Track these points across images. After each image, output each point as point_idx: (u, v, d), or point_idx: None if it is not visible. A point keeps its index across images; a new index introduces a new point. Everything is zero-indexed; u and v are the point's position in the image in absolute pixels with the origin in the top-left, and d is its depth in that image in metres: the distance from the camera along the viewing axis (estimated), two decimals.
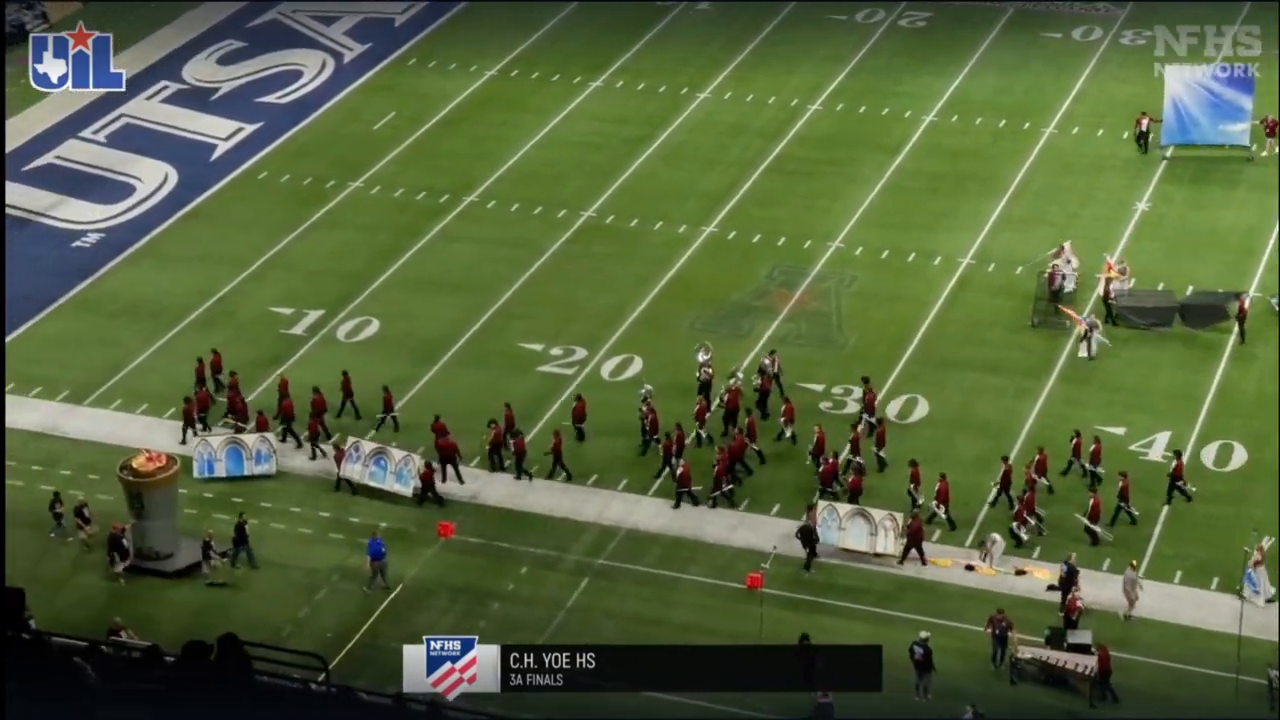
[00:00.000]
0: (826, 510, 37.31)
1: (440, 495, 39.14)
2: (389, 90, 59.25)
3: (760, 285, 47.59)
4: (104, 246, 50.10)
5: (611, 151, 54.98)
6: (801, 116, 56.83)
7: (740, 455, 39.24)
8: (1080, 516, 37.52)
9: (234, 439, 40.45)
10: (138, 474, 37.19)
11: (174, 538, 37.39)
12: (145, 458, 37.42)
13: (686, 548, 37.67)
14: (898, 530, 36.80)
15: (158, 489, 37.14)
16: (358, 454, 39.77)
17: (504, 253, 49.35)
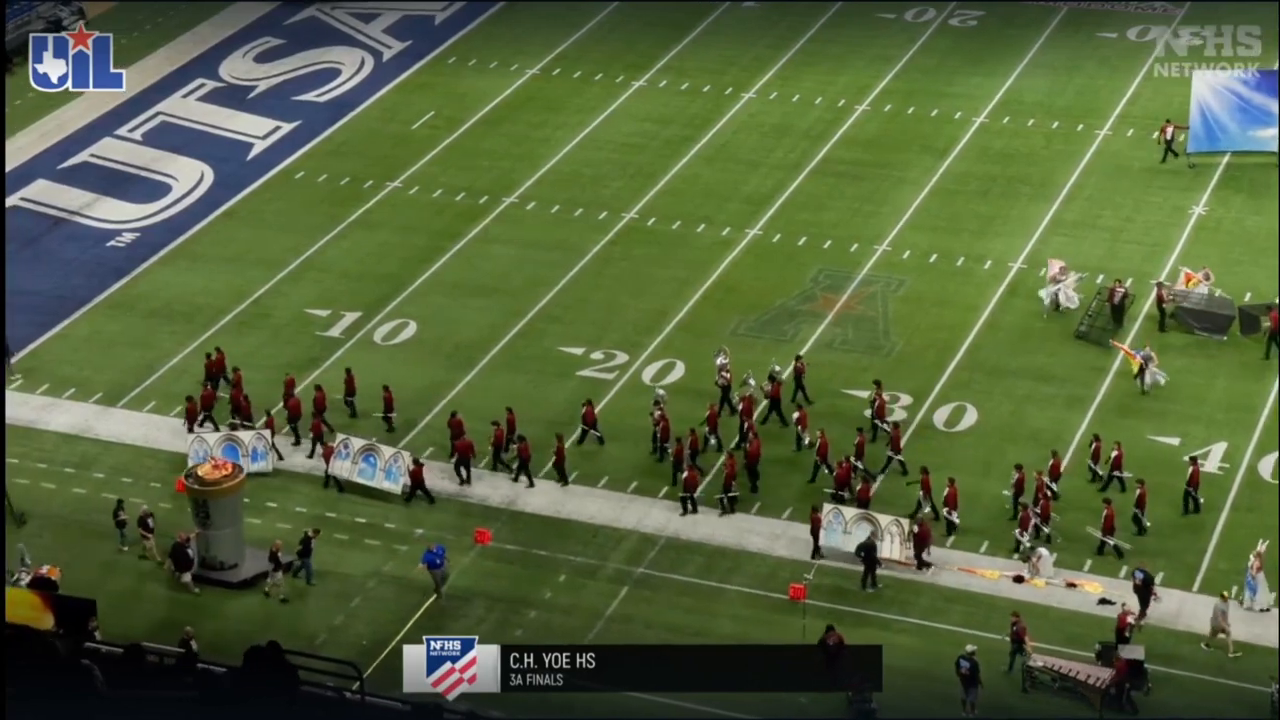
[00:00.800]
0: (832, 514, 37.41)
1: (430, 493, 39.46)
2: (428, 89, 59.52)
3: (805, 289, 47.56)
4: (139, 246, 50.51)
5: (654, 152, 55.06)
6: (849, 117, 56.76)
7: (755, 461, 39.33)
8: (1093, 530, 37.40)
9: (230, 436, 40.83)
10: (203, 482, 37.00)
11: (239, 547, 37.33)
12: (211, 465, 37.35)
13: (729, 557, 37.67)
14: (904, 535, 36.84)
15: (223, 497, 36.93)
16: (346, 451, 40.12)
17: (543, 255, 49.48)
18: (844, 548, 37.23)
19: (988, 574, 36.76)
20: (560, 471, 39.77)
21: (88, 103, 58.21)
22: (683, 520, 38.66)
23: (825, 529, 37.24)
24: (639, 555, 37.95)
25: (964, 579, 36.89)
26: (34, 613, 33.05)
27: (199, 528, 37.30)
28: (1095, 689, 33.46)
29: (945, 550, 37.74)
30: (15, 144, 55.83)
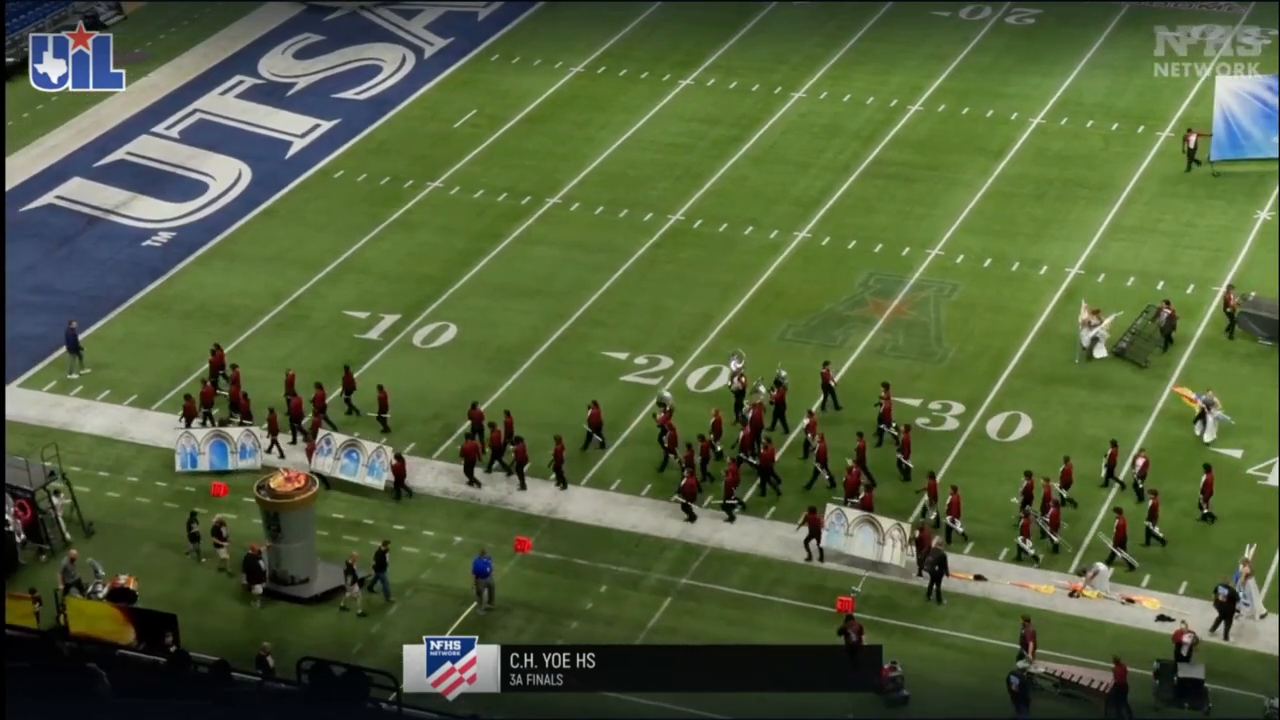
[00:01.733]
0: (835, 515, 37.52)
1: (410, 489, 39.75)
2: (470, 87, 59.69)
3: (855, 294, 47.45)
4: (175, 246, 50.82)
5: (700, 153, 55.06)
6: (901, 118, 56.61)
7: (770, 467, 39.37)
8: (1104, 538, 37.30)
9: (219, 432, 41.10)
10: (275, 494, 36.68)
11: (311, 561, 37.16)
12: (283, 478, 37.01)
13: (774, 568, 37.59)
14: (904, 540, 36.91)
15: (295, 510, 36.65)
16: (329, 447, 40.44)
17: (587, 257, 49.54)
18: (846, 550, 37.37)
19: (1042, 589, 36.55)
20: (559, 475, 39.93)
21: (125, 99, 58.64)
22: (728, 530, 38.60)
23: (827, 530, 37.46)
24: (682, 565, 37.91)
25: (1019, 594, 36.69)
26: (114, 626, 33.23)
27: (270, 541, 36.97)
28: (1098, 693, 33.42)
29: (1000, 564, 37.57)
30: (51, 141, 56.37)
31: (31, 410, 43.30)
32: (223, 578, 37.61)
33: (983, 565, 37.52)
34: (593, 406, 41.28)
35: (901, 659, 33.65)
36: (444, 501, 40.06)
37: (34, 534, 38.28)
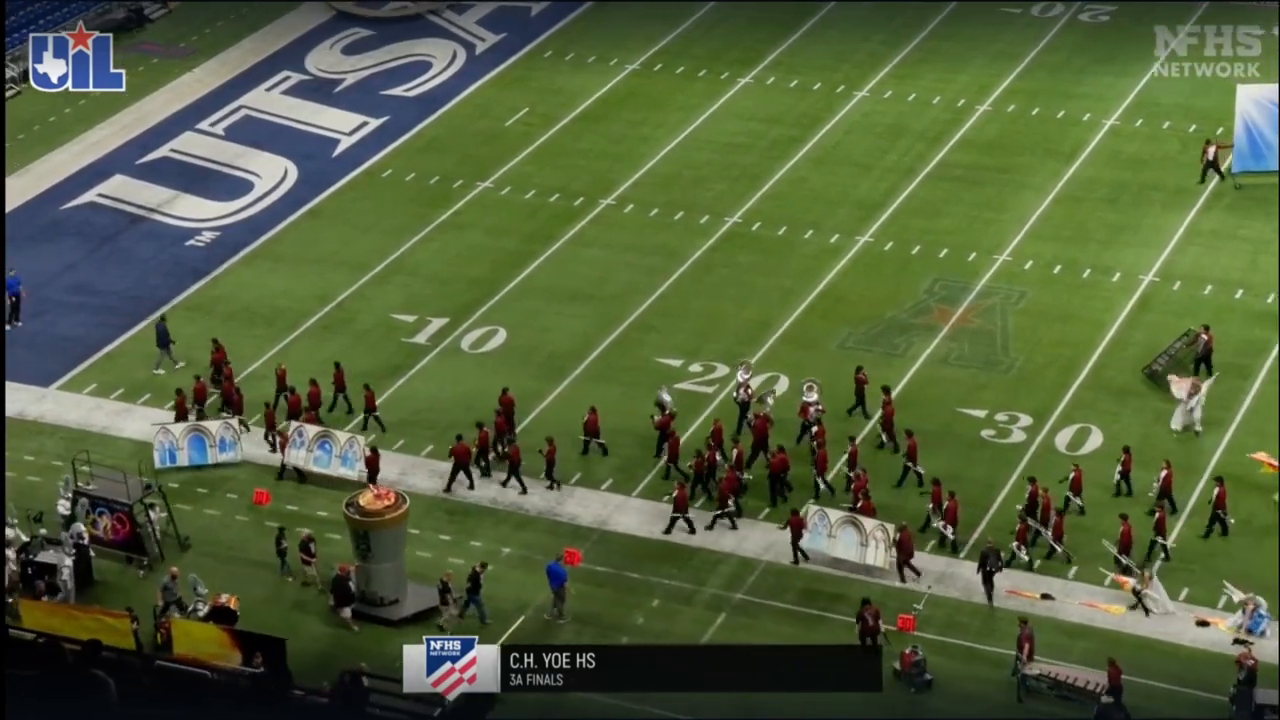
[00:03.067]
0: (817, 516, 37.79)
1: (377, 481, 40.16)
2: (522, 84, 59.92)
3: (919, 301, 47.33)
4: (218, 246, 51.24)
5: (759, 153, 55.06)
6: (968, 118, 56.43)
7: (783, 476, 39.53)
8: (1109, 544, 37.29)
9: (197, 426, 41.52)
10: (365, 512, 36.50)
11: (400, 582, 36.90)
12: (373, 495, 36.82)
13: (832, 583, 37.52)
14: (888, 542, 37.23)
15: (386, 529, 36.45)
16: (301, 439, 40.83)
17: (641, 261, 49.62)
18: (829, 551, 37.69)
19: (1112, 609, 36.34)
20: (550, 476, 40.24)
21: (169, 95, 59.24)
22: (784, 543, 38.54)
23: (810, 532, 37.77)
24: (737, 580, 37.91)
25: (1088, 614, 36.49)
26: (220, 649, 33.24)
27: (358, 560, 36.74)
28: (1092, 694, 33.72)
29: (1067, 582, 37.40)
30: (93, 137, 56.96)
31: (71, 414, 43.75)
32: (310, 595, 37.45)
33: (1049, 584, 37.32)
34: (590, 412, 41.52)
35: (965, 681, 33.58)
36: (492, 511, 40.21)
37: (133, 548, 38.28)
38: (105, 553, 38.52)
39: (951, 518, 38.06)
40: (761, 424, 40.93)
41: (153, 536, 38.44)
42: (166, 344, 44.98)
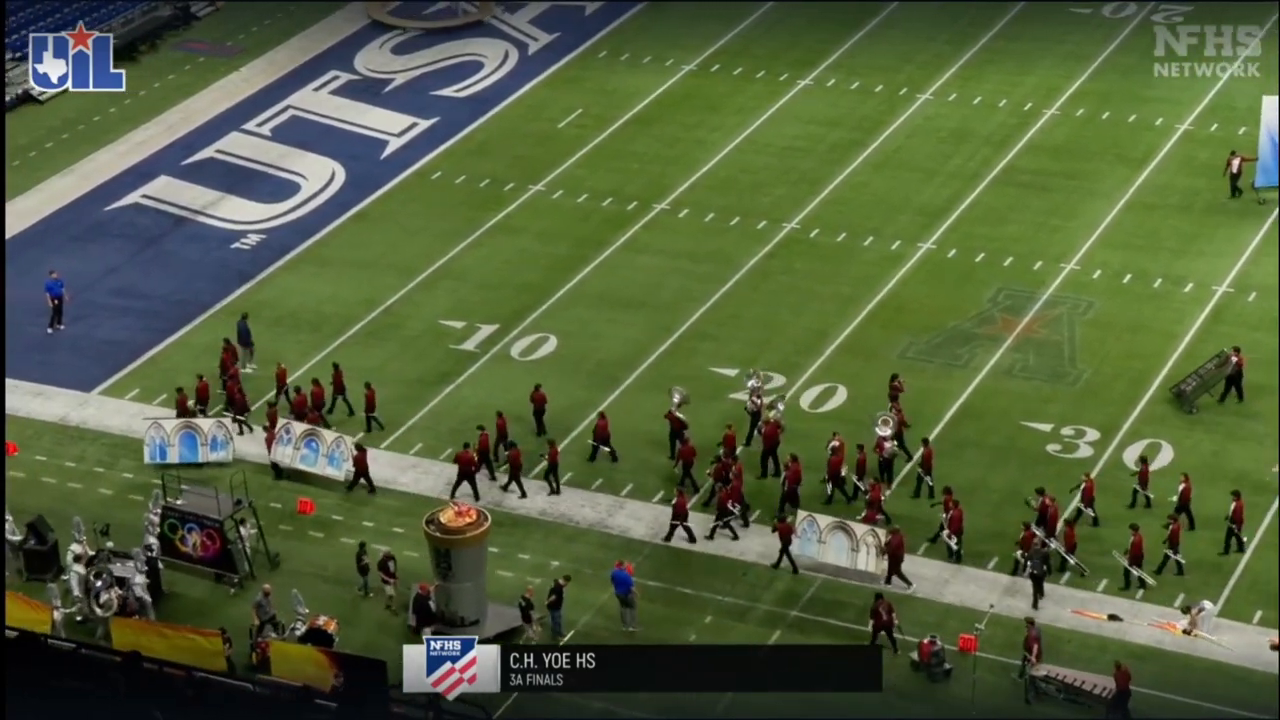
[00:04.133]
0: (806, 522, 38.08)
1: (372, 482, 40.52)
2: (576, 85, 60.09)
3: (983, 310, 47.18)
4: (264, 249, 51.60)
5: (819, 157, 55.01)
6: (1035, 122, 56.22)
7: (796, 485, 39.66)
8: (1119, 555, 37.34)
9: (189, 423, 41.92)
10: (446, 530, 36.34)
11: (480, 602, 36.77)
12: (454, 512, 36.67)
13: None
14: (879, 547, 37.54)
15: (467, 547, 36.31)
16: (288, 436, 41.17)
17: (696, 267, 49.66)
18: (819, 557, 37.90)
19: (1173, 628, 36.22)
20: (551, 480, 40.55)
21: (215, 94, 59.72)
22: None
23: (799, 538, 38.05)
24: (793, 596, 37.88)
25: (1157, 635, 36.28)
26: (318, 670, 33.39)
27: (439, 579, 36.59)
28: (1100, 698, 34.06)
29: (1136, 603, 37.20)
30: (137, 137, 57.47)
31: (114, 420, 44.12)
32: (388, 615, 37.42)
33: (1115, 604, 37.14)
34: (600, 418, 41.67)
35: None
36: (541, 523, 40.33)
37: (223, 565, 38.33)
38: (193, 570, 38.49)
39: (956, 527, 38.27)
40: (771, 430, 41.09)
41: (244, 554, 38.42)
42: (248, 342, 45.29)
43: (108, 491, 41.41)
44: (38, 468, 41.63)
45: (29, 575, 38.31)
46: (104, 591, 36.61)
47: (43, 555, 38.31)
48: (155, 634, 35.24)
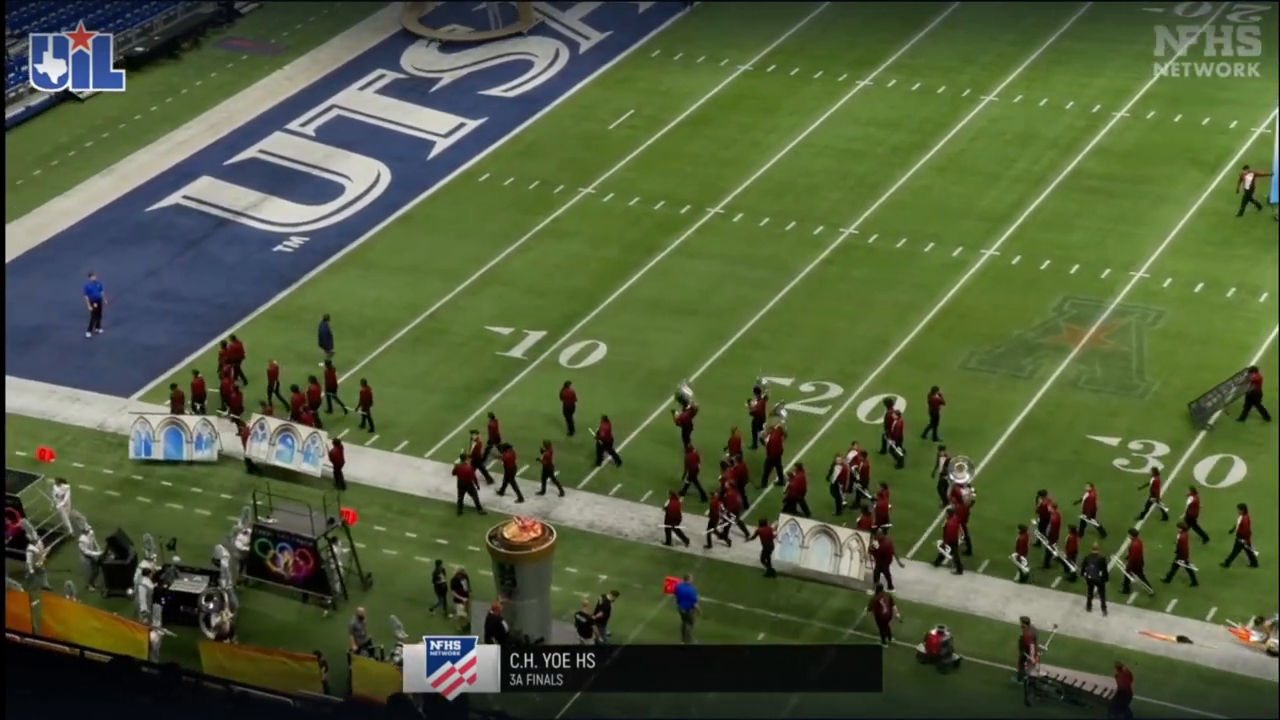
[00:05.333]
0: (788, 526, 38.33)
1: (342, 477, 41.11)
2: (628, 85, 60.20)
3: (1048, 320, 47.00)
4: (307, 252, 51.88)
5: (878, 161, 54.93)
6: (1104, 125, 55.98)
7: (800, 495, 39.72)
8: (1118, 560, 37.51)
9: (174, 420, 42.47)
10: (510, 545, 36.22)
11: (546, 620, 36.64)
12: (518, 526, 36.55)
13: (950, 619, 37.31)
14: (864, 551, 37.77)
15: (532, 563, 36.19)
16: (263, 431, 41.62)
17: (750, 273, 49.65)
18: (801, 563, 38.16)
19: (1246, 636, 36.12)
20: (546, 481, 40.90)
21: (258, 93, 60.10)
22: (900, 575, 38.39)
23: (781, 543, 38.32)
24: (849, 614, 37.80)
25: (1228, 659, 35.99)
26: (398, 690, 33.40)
27: (502, 596, 36.43)
28: (1101, 699, 34.39)
29: (1208, 625, 36.97)
30: (179, 136, 57.91)
31: None
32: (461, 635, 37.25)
33: (1186, 626, 36.91)
34: (604, 421, 41.84)
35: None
36: (589, 536, 40.39)
37: (315, 586, 38.26)
38: (281, 590, 38.47)
39: (950, 535, 38.45)
40: (775, 439, 41.18)
41: (337, 574, 38.33)
42: (329, 344, 45.56)
43: (145, 500, 41.68)
44: (74, 475, 41.94)
45: (109, 591, 38.37)
46: (215, 614, 36.59)
47: (124, 570, 38.32)
48: (246, 658, 35.03)
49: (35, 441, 43.24)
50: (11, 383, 45.59)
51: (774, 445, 41.21)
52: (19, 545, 38.51)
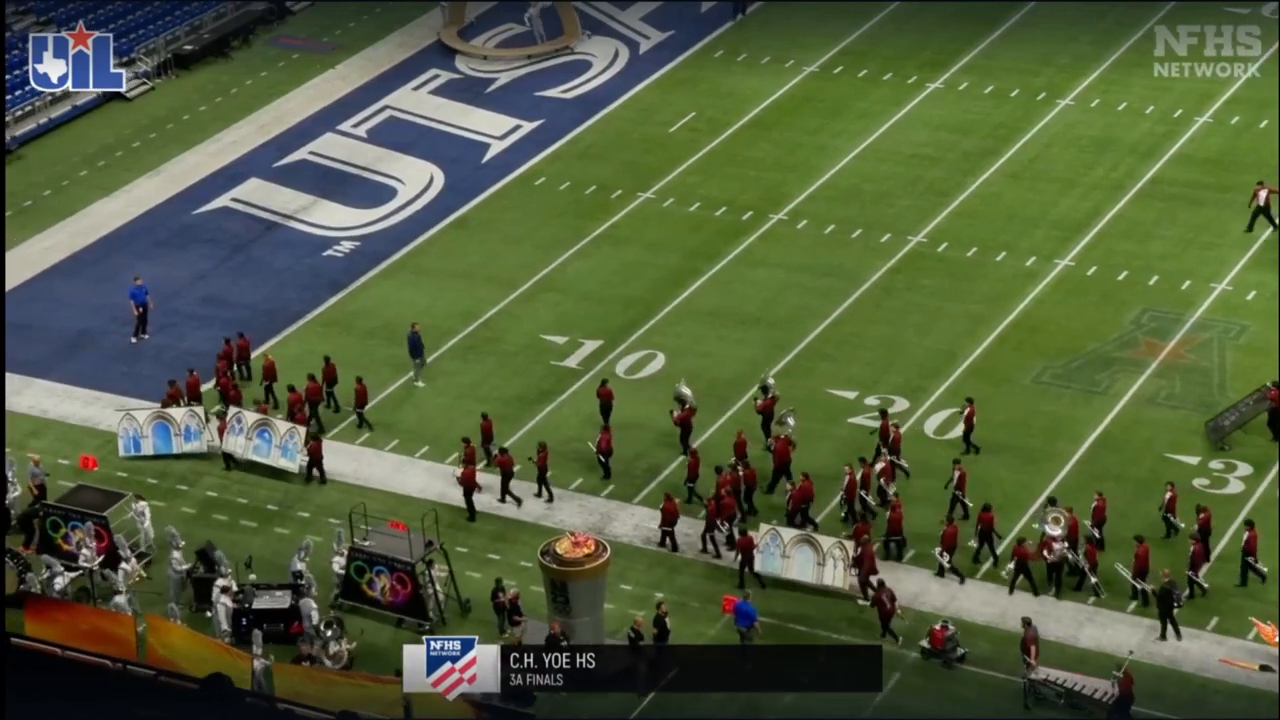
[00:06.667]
0: (769, 536, 38.60)
1: (325, 473, 41.61)
2: (689, 86, 60.27)
3: (1125, 333, 46.77)
4: (358, 257, 52.16)
5: (949, 166, 54.80)
6: (1186, 130, 55.67)
7: (804, 504, 39.89)
8: (1121, 568, 37.78)
9: (161, 414, 43.07)
10: (563, 561, 36.23)
11: (599, 638, 36.60)
12: (571, 542, 36.60)
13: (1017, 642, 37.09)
14: (847, 560, 38.09)
15: (585, 579, 36.19)
16: (240, 425, 42.19)
17: (814, 282, 49.61)
18: (783, 573, 38.48)
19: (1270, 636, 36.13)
20: (541, 484, 41.20)
21: (309, 94, 60.50)
22: (966, 598, 38.26)
23: (762, 553, 38.59)
24: (913, 636, 37.65)
25: None
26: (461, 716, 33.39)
27: (555, 615, 36.49)
28: (1100, 703, 34.83)
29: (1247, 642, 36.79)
30: (229, 137, 58.34)
31: None
32: None
33: (1270, 654, 36.60)
34: (603, 431, 42.07)
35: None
36: (644, 553, 40.43)
37: (412, 611, 37.92)
38: (377, 615, 38.43)
39: (947, 542, 38.70)
40: (782, 447, 41.25)
41: (435, 598, 38.21)
42: (420, 354, 45.90)
43: (190, 510, 42.01)
44: (118, 485, 42.30)
45: (198, 605, 38.46)
46: (334, 643, 36.66)
47: (213, 584, 38.30)
48: (322, 681, 35.01)
49: (78, 449, 43.63)
50: (54, 389, 46.13)
51: (781, 453, 41.30)
52: (111, 564, 38.78)
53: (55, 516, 40.06)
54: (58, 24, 60.93)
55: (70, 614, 37.14)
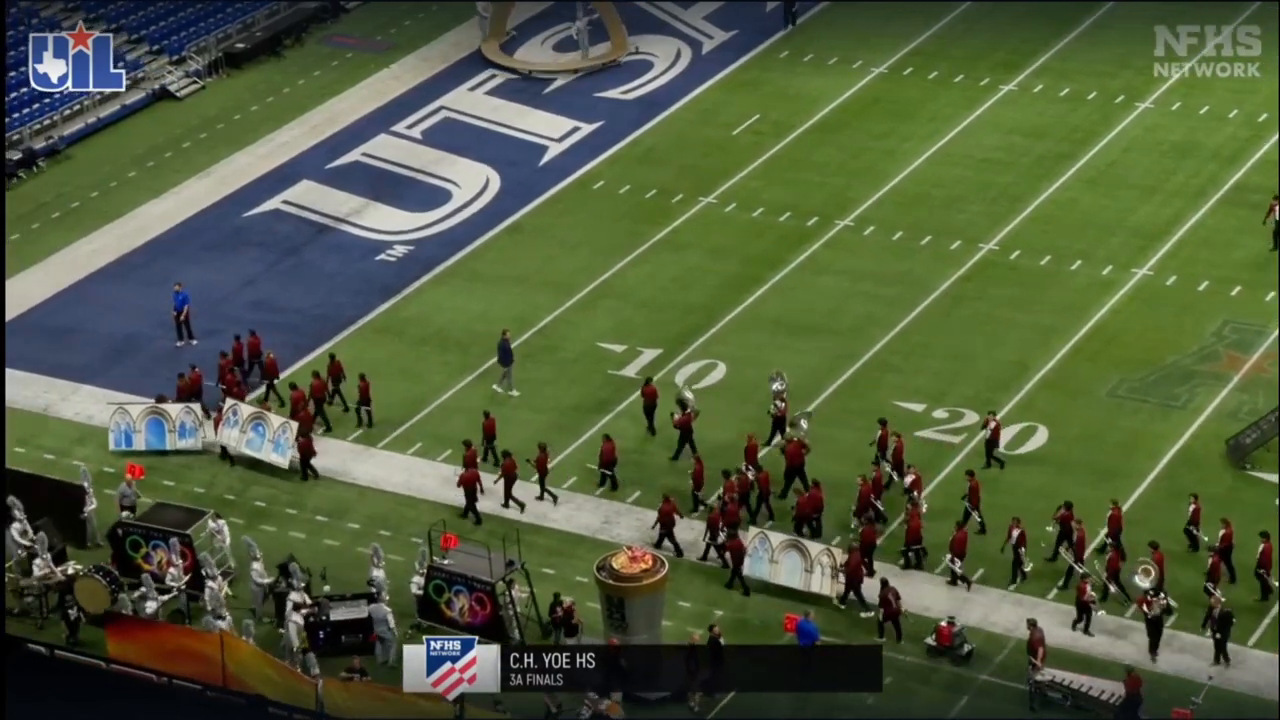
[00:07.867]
0: (758, 540, 39.04)
1: (316, 470, 42.29)
2: (753, 88, 60.24)
3: (1205, 345, 46.47)
4: (411, 261, 52.32)
5: (1022, 171, 54.57)
6: (1270, 135, 55.28)
7: (814, 513, 40.08)
8: (1099, 570, 38.31)
9: (155, 409, 43.56)
10: (619, 576, 36.33)
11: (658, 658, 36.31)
12: (628, 556, 36.70)
13: (1095, 667, 36.83)
14: (835, 567, 38.52)
15: (642, 596, 36.29)
16: (235, 418, 42.86)
17: (881, 290, 49.48)
18: (771, 579, 38.88)
19: None
20: (542, 487, 41.50)
21: (363, 94, 60.77)
22: (1046, 621, 37.97)
23: (751, 558, 39.04)
24: (984, 659, 37.47)
25: None
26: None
27: (611, 631, 36.57)
28: (1108, 705, 35.01)
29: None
30: (280, 138, 58.65)
31: None
32: None
33: None
34: (605, 440, 42.28)
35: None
36: (703, 569, 40.38)
37: (493, 632, 37.43)
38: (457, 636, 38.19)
39: (959, 550, 38.77)
40: (795, 449, 41.29)
41: (514, 619, 38.15)
42: (509, 361, 46.01)
43: (239, 520, 42.19)
44: (164, 494, 42.57)
45: (277, 620, 38.37)
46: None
47: None
48: (373, 696, 35.03)
49: (123, 457, 43.85)
50: (99, 394, 46.37)
51: (793, 456, 41.35)
52: (197, 585, 38.89)
53: (136, 535, 39.94)
54: (106, 21, 61.41)
55: (153, 633, 37.22)
